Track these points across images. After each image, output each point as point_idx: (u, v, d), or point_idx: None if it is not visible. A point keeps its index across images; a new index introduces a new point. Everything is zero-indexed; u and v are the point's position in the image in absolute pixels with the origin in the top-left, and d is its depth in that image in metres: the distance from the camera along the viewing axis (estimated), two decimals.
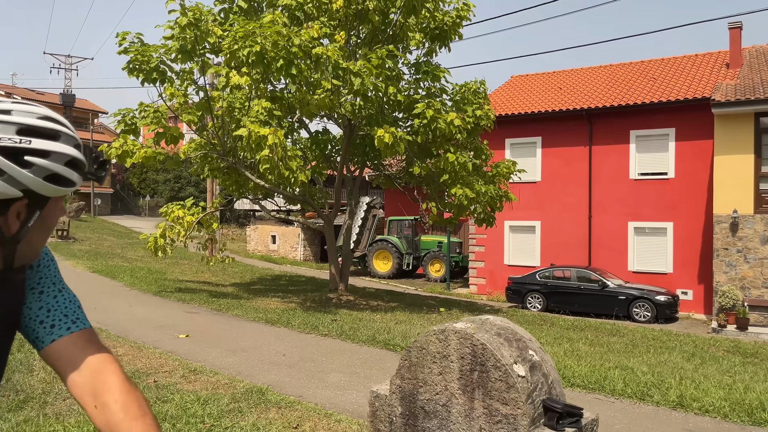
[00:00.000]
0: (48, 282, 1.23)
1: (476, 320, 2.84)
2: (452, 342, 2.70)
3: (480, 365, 2.61)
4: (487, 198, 12.52)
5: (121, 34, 10.81)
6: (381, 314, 11.63)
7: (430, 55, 13.68)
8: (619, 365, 7.57)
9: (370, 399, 2.98)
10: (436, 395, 2.74)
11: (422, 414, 2.78)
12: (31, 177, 1.00)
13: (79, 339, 1.17)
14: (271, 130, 10.19)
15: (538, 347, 2.78)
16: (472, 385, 2.64)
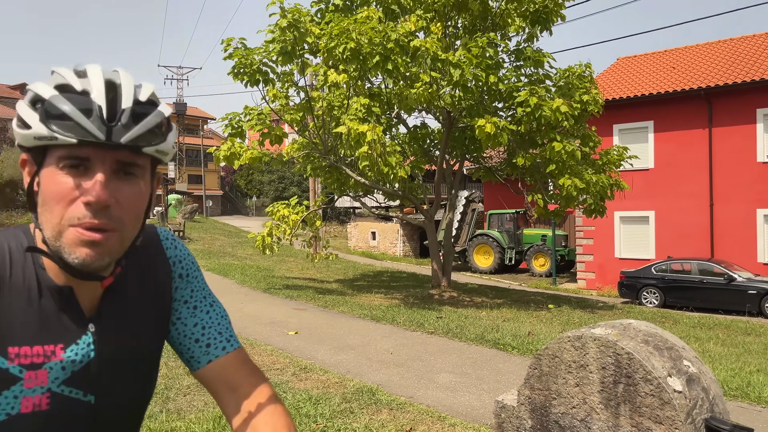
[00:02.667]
0: (200, 296, 1.15)
1: (617, 325, 2.51)
2: (591, 350, 2.40)
3: (626, 377, 2.29)
4: (598, 188, 11.79)
5: (226, 41, 11.18)
6: (486, 311, 11.27)
7: (530, 40, 13.10)
8: (762, 369, 6.80)
9: (496, 410, 2.73)
10: (573, 409, 2.45)
11: (556, 429, 2.50)
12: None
13: (235, 360, 1.13)
14: (369, 127, 10.13)
15: (694, 357, 2.41)
16: (617, 400, 2.32)
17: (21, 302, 0.92)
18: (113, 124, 0.86)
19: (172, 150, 0.95)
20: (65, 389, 0.93)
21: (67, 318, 0.95)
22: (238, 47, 11.23)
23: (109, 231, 0.89)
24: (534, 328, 9.37)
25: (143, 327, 1.05)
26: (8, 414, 0.89)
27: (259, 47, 11.36)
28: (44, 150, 0.89)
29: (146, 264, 1.08)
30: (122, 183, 0.90)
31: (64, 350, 0.94)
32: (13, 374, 0.89)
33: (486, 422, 4.76)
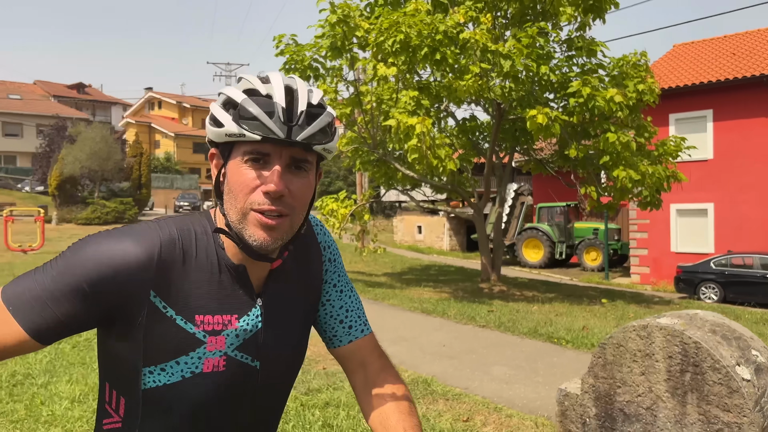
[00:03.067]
0: (344, 281, 1.30)
1: (683, 315, 2.50)
2: (657, 339, 2.39)
3: (693, 366, 2.28)
4: (654, 179, 11.48)
5: (277, 37, 11.40)
6: (538, 305, 11.17)
7: (582, 29, 12.83)
8: None
9: (559, 398, 2.76)
10: (638, 397, 2.45)
11: (621, 416, 2.51)
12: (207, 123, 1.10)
13: (369, 342, 1.29)
14: (418, 120, 10.16)
15: (762, 347, 2.38)
16: (684, 388, 2.31)
17: (204, 277, 1.06)
18: (292, 124, 0.99)
19: (335, 148, 1.08)
20: (237, 354, 1.08)
21: (241, 293, 1.09)
22: (290, 43, 11.44)
23: (283, 217, 1.02)
24: (587, 322, 9.25)
25: (299, 304, 1.19)
26: (192, 372, 1.04)
27: (309, 44, 11.54)
28: (231, 146, 1.03)
29: (303, 247, 1.21)
30: (294, 176, 1.02)
31: (238, 320, 1.08)
32: (198, 338, 1.04)
33: (542, 414, 4.76)
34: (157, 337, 1.02)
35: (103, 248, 1.00)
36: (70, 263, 0.99)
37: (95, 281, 0.97)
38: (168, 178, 49.88)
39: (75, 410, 4.68)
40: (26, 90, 57.97)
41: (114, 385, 1.10)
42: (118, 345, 1.05)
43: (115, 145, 32.85)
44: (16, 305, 0.97)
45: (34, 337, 0.97)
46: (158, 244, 1.02)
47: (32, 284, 0.98)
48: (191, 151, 58.53)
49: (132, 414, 1.08)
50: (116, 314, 1.01)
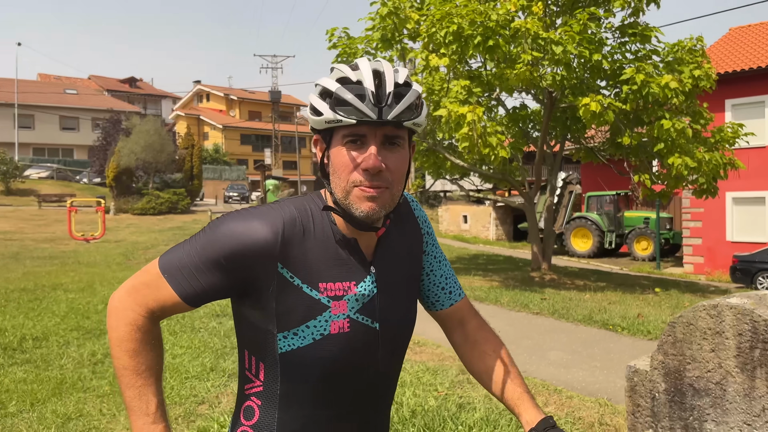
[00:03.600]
0: (439, 251, 1.44)
1: (752, 295, 2.61)
2: (726, 318, 2.52)
3: (762, 343, 2.40)
4: (711, 167, 11.28)
5: (329, 31, 11.66)
6: (590, 294, 11.17)
7: (636, 14, 12.61)
8: None
9: (628, 374, 2.90)
10: (708, 373, 2.58)
11: (691, 391, 2.64)
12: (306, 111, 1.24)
13: (465, 303, 1.48)
14: (469, 108, 10.25)
15: None
16: (753, 364, 2.44)
17: (323, 249, 1.19)
18: (381, 105, 1.10)
19: (424, 122, 1.19)
20: (359, 317, 1.21)
21: (355, 262, 1.22)
22: (342, 36, 11.67)
23: (382, 188, 1.14)
24: (642, 310, 9.24)
25: (406, 271, 1.32)
26: (321, 334, 1.17)
27: (361, 36, 11.74)
28: (331, 131, 1.16)
29: (402, 221, 1.35)
30: (389, 152, 1.15)
31: (356, 286, 1.21)
32: (323, 303, 1.17)
33: (602, 396, 4.88)
34: (287, 304, 1.15)
35: (235, 227, 1.14)
36: (210, 239, 1.15)
37: (230, 256, 1.12)
38: (217, 169, 51.12)
39: None
40: (81, 85, 60.23)
41: (252, 351, 1.23)
42: (254, 314, 1.19)
43: (167, 137, 33.89)
44: (170, 273, 1.15)
45: (185, 301, 1.15)
46: (281, 223, 1.15)
47: (182, 255, 1.16)
48: (239, 143, 59.77)
49: (272, 377, 1.20)
50: (249, 285, 1.15)
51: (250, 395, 1.24)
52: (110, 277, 11.68)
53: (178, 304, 1.16)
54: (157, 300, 1.16)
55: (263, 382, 1.21)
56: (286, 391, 1.20)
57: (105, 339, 6.80)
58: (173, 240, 20.18)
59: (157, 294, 1.15)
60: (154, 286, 1.16)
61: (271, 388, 1.21)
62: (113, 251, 17.30)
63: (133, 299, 1.16)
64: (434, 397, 4.65)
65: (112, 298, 1.19)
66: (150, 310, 1.17)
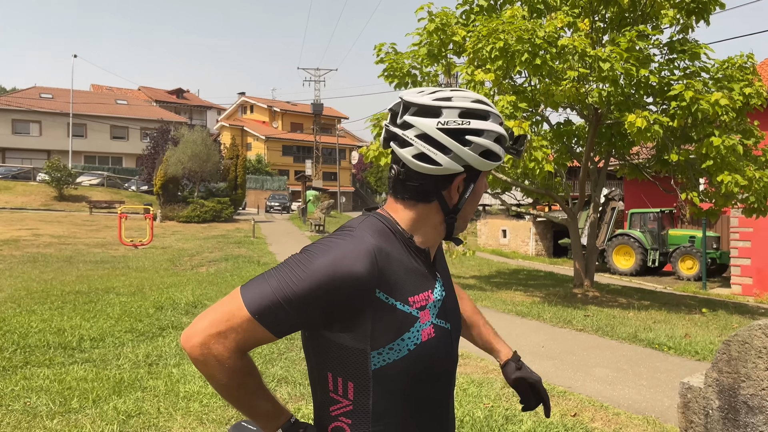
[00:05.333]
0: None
1: None
2: None
3: None
4: (762, 185, 11.03)
5: (377, 46, 11.90)
6: (634, 312, 11.02)
7: (685, 31, 12.49)
8: None
9: (681, 390, 2.95)
10: (762, 391, 2.61)
11: (744, 408, 2.67)
12: (470, 154, 1.24)
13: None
14: (516, 123, 10.30)
15: None
16: None
17: (405, 264, 1.27)
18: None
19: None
20: (438, 321, 1.30)
21: (427, 270, 1.32)
22: (389, 52, 11.89)
23: None
24: (689, 330, 9.08)
25: (446, 268, 1.48)
26: (415, 344, 1.24)
27: (408, 52, 11.94)
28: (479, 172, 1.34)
29: None
30: None
31: (432, 293, 1.31)
32: (414, 315, 1.25)
33: (651, 415, 4.86)
34: (385, 323, 1.20)
35: (330, 263, 1.16)
36: (304, 277, 1.14)
37: (328, 293, 1.14)
38: (259, 179, 52.08)
39: (209, 387, 5.20)
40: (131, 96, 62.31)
41: (339, 373, 1.24)
42: (344, 336, 1.21)
43: (213, 147, 34.76)
44: (262, 315, 1.14)
45: (274, 334, 1.17)
46: (374, 252, 1.20)
47: (271, 294, 1.14)
48: (280, 154, 60.77)
49: (363, 394, 1.23)
50: (344, 314, 1.18)
51: (338, 416, 1.25)
52: (158, 282, 12.06)
53: (267, 337, 1.18)
54: (248, 340, 1.16)
55: (353, 400, 1.24)
56: (378, 404, 1.23)
57: (158, 341, 7.07)
58: (217, 248, 20.66)
59: (249, 336, 1.15)
60: (245, 329, 1.14)
61: (362, 404, 1.24)
62: (160, 257, 17.83)
63: (224, 346, 1.13)
64: (481, 408, 4.72)
65: (195, 345, 1.14)
66: (243, 351, 1.17)
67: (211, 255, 18.44)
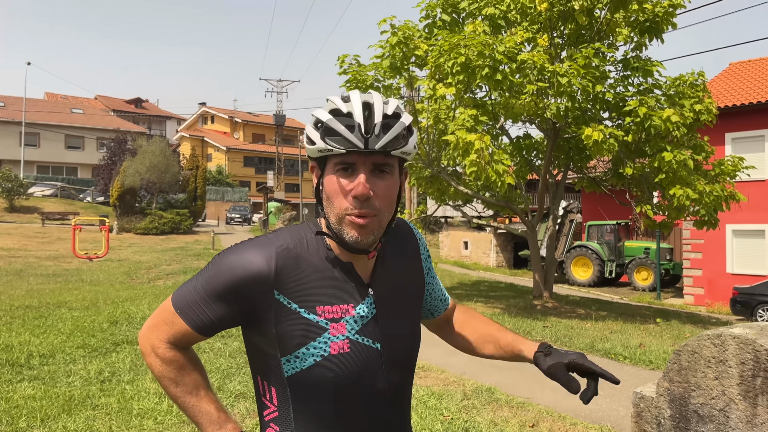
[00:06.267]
0: (433, 268, 1.55)
1: (754, 326, 2.72)
2: (730, 347, 2.62)
3: (765, 371, 2.50)
4: (711, 198, 11.43)
5: (341, 58, 11.92)
6: (592, 323, 11.22)
7: (639, 49, 12.91)
8: None
9: (635, 400, 3.00)
10: (712, 400, 2.68)
11: (695, 417, 2.73)
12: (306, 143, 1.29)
13: (453, 303, 1.64)
14: (477, 136, 10.44)
15: None
16: (755, 392, 2.53)
17: (319, 274, 1.25)
18: (369, 136, 1.16)
19: (413, 150, 1.25)
20: (359, 337, 1.25)
21: (352, 285, 1.27)
22: (353, 63, 11.92)
23: (371, 216, 1.21)
24: (643, 340, 9.29)
25: (407, 291, 1.38)
26: (322, 355, 1.21)
27: (371, 64, 12.00)
28: (324, 159, 1.23)
29: (403, 243, 1.42)
30: (378, 179, 1.21)
31: (355, 308, 1.25)
32: (321, 325, 1.22)
33: (607, 424, 4.94)
34: (286, 328, 1.20)
35: (233, 260, 1.21)
36: (212, 274, 1.22)
37: (230, 288, 1.20)
38: (219, 190, 51.40)
39: (163, 404, 5.07)
40: (88, 105, 60.82)
41: (264, 377, 1.28)
42: (260, 340, 1.25)
43: (172, 158, 34.17)
44: (181, 309, 1.24)
45: (197, 332, 1.24)
46: (274, 252, 1.21)
47: (190, 291, 1.24)
48: (242, 165, 60.14)
49: (283, 401, 1.25)
50: (252, 313, 1.22)
51: (269, 422, 1.28)
52: (114, 296, 11.73)
53: (193, 335, 1.25)
54: (175, 334, 1.25)
55: (277, 406, 1.26)
56: (298, 414, 1.24)
57: (111, 357, 6.85)
58: (175, 260, 20.25)
59: (174, 329, 1.25)
60: (170, 322, 1.25)
61: (284, 412, 1.25)
62: (116, 270, 17.36)
63: (156, 337, 1.26)
64: (440, 421, 4.71)
65: (140, 338, 1.29)
66: (173, 343, 1.26)
67: (170, 267, 18.06)
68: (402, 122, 1.21)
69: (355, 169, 1.19)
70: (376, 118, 1.17)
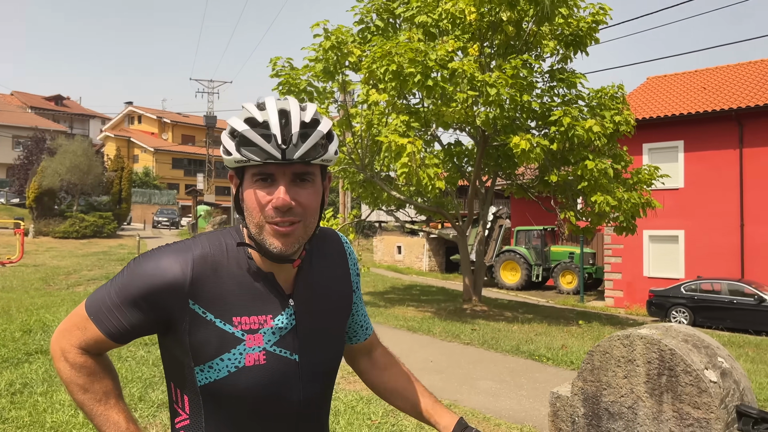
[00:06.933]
0: (360, 292, 1.50)
1: (660, 327, 2.88)
2: (638, 347, 2.77)
3: (668, 370, 2.66)
4: (629, 205, 12.04)
5: (273, 60, 11.78)
6: (518, 325, 11.56)
7: (564, 61, 13.46)
8: None
9: (551, 399, 3.11)
10: (621, 398, 2.81)
11: (606, 415, 2.86)
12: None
13: (374, 335, 1.58)
14: (409, 140, 10.57)
15: (726, 354, 2.77)
16: (660, 389, 2.68)
17: (238, 284, 1.22)
18: (286, 147, 1.14)
19: (334, 156, 1.22)
20: (276, 349, 1.22)
21: (272, 295, 1.24)
22: (285, 66, 11.81)
23: (294, 224, 1.18)
24: (566, 341, 9.65)
25: (330, 303, 1.34)
26: (236, 366, 1.18)
27: (305, 68, 11.93)
28: (242, 169, 1.20)
29: (330, 255, 1.38)
30: (300, 188, 1.18)
31: (273, 319, 1.23)
32: (237, 336, 1.19)
33: (529, 424, 5.09)
34: (201, 338, 1.17)
35: (148, 267, 1.18)
36: (127, 280, 1.19)
37: (144, 295, 1.17)
38: (146, 193, 49.64)
39: (78, 416, 4.85)
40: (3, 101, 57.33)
41: (177, 384, 1.25)
42: (174, 347, 1.22)
43: (95, 158, 32.72)
44: (94, 314, 1.20)
45: (110, 339, 1.20)
46: (191, 260, 1.18)
47: (104, 296, 1.20)
48: (170, 167, 58.32)
49: (196, 410, 1.22)
50: (166, 322, 1.19)
51: (180, 429, 1.26)
52: (28, 303, 11.09)
53: (106, 342, 1.21)
54: (87, 340, 1.20)
55: (189, 414, 1.23)
56: (210, 423, 1.22)
57: (24, 367, 6.48)
58: (97, 265, 19.38)
59: (87, 334, 1.20)
60: (83, 327, 1.20)
61: (196, 420, 1.23)
62: (31, 276, 16.43)
63: (68, 341, 1.21)
64: (368, 425, 4.72)
65: (52, 342, 1.24)
66: (85, 349, 1.21)
67: (90, 273, 17.27)
68: (320, 130, 1.17)
69: (274, 179, 1.17)
70: (293, 128, 1.15)
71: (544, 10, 11.50)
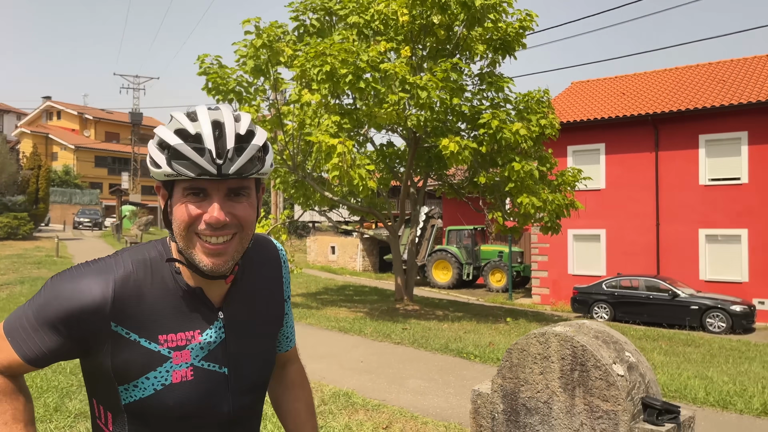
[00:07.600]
0: (290, 302, 1.46)
1: (573, 324, 3.01)
2: (552, 344, 2.88)
3: (580, 365, 2.78)
4: (554, 206, 12.50)
5: (200, 57, 11.47)
6: (448, 324, 11.77)
7: (493, 65, 13.81)
8: (699, 375, 7.47)
9: (472, 397, 3.18)
10: (538, 393, 2.92)
11: (524, 410, 2.96)
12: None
13: (295, 349, 1.54)
14: (340, 140, 10.56)
15: (633, 349, 2.92)
16: (573, 384, 2.80)
17: (163, 301, 1.17)
18: (221, 162, 1.08)
19: (270, 169, 1.18)
20: (204, 363, 1.19)
21: (201, 310, 1.20)
22: (214, 64, 11.53)
23: (227, 243, 1.13)
24: (493, 339, 9.90)
25: (262, 314, 1.31)
26: (163, 384, 1.15)
27: (234, 68, 11.69)
28: (172, 182, 1.13)
29: (264, 265, 1.34)
30: (234, 202, 1.13)
31: (201, 334, 1.19)
32: (163, 354, 1.15)
33: (454, 421, 5.20)
34: (125, 359, 1.13)
35: (66, 289, 1.12)
36: (44, 301, 1.13)
37: (63, 319, 1.11)
38: (66, 192, 47.32)
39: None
40: None
41: (100, 401, 1.21)
42: (95, 366, 1.17)
43: (9, 156, 30.90)
44: (11, 335, 1.14)
45: (27, 363, 1.13)
46: (112, 282, 1.13)
47: (21, 317, 1.14)
48: (93, 165, 55.80)
49: (120, 428, 1.18)
50: (86, 344, 1.14)
51: None
52: None
53: (21, 365, 1.14)
54: (1, 361, 1.14)
55: (113, 431, 1.19)
56: None
57: None
58: (11, 268, 18.29)
59: (2, 355, 1.14)
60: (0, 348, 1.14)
61: None
62: None
63: None
64: None
65: None
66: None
67: (4, 277, 16.29)
68: (255, 143, 1.12)
69: (207, 194, 1.11)
70: (228, 142, 1.09)
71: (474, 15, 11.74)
